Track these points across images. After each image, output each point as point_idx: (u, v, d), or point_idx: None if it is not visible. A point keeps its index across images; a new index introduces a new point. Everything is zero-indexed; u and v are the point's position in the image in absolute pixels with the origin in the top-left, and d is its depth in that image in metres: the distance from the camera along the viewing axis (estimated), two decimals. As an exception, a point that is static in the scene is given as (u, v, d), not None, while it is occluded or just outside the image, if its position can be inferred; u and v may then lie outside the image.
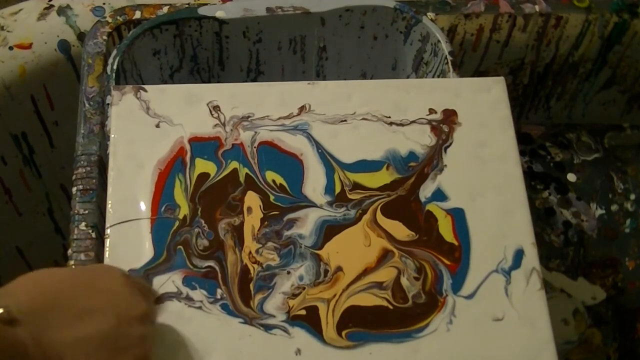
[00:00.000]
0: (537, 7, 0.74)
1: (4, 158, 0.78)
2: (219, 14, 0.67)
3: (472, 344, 0.51)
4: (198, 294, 0.51)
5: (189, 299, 0.51)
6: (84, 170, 0.59)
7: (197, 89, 0.58)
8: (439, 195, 0.55)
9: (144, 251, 0.52)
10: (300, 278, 0.52)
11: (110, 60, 0.64)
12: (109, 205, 0.53)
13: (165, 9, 0.68)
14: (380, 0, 0.68)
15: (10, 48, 0.73)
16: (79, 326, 0.41)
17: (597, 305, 0.77)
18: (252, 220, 0.53)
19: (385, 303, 0.52)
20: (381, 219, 0.54)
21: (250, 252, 0.52)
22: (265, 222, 0.53)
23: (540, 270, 0.53)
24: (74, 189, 0.58)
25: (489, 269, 0.53)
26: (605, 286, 0.78)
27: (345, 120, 0.57)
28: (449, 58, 0.65)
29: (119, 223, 0.53)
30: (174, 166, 0.55)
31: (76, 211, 0.57)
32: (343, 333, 0.51)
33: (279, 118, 0.57)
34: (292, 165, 0.55)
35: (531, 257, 0.53)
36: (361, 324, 0.51)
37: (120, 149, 0.55)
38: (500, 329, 0.51)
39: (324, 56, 0.73)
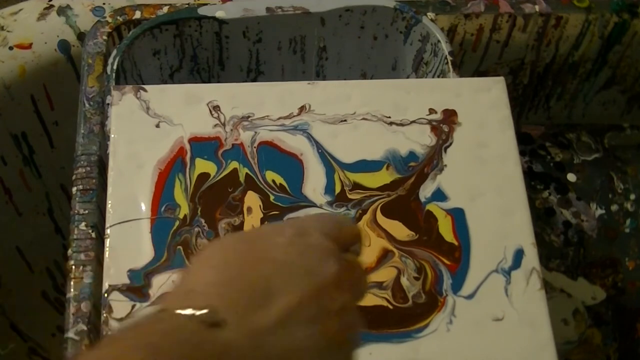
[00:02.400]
0: (537, 7, 0.74)
1: (4, 158, 0.78)
2: (219, 14, 0.67)
3: (472, 344, 0.51)
4: (198, 294, 0.51)
5: (189, 299, 0.51)
6: (84, 170, 0.59)
7: (197, 89, 0.58)
8: (439, 195, 0.55)
9: (144, 251, 0.52)
10: (300, 278, 0.52)
11: (110, 60, 0.64)
12: (109, 205, 0.53)
13: (165, 9, 0.68)
14: (380, 0, 0.68)
15: (10, 48, 0.73)
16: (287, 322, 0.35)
17: (597, 305, 0.77)
18: (252, 220, 0.53)
19: (385, 303, 0.52)
20: (381, 219, 0.54)
21: (250, 252, 0.52)
22: (265, 222, 0.53)
23: (540, 270, 0.53)
24: (74, 189, 0.58)
25: (489, 269, 0.53)
26: (605, 286, 0.78)
27: (345, 120, 0.57)
28: (449, 58, 0.65)
29: (119, 223, 0.53)
30: (174, 166, 0.55)
31: (76, 211, 0.57)
32: (343, 333, 0.50)
33: (279, 118, 0.57)
34: (292, 165, 0.55)
35: (531, 257, 0.53)
36: (361, 324, 0.51)
37: (120, 149, 0.55)
38: (500, 329, 0.51)
39: (324, 56, 0.73)
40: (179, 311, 0.33)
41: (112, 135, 0.56)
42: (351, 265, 0.39)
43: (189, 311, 0.32)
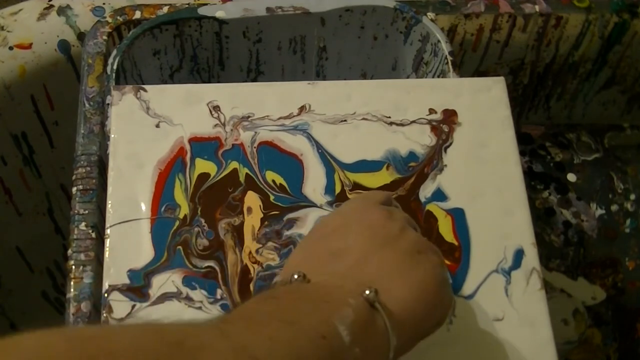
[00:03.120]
0: (537, 7, 0.74)
1: (4, 158, 0.78)
2: (219, 14, 0.67)
3: (472, 343, 0.51)
4: (198, 294, 0.51)
5: (188, 299, 0.51)
6: (84, 170, 0.59)
7: (197, 89, 0.58)
8: (439, 195, 0.55)
9: (144, 251, 0.52)
10: (300, 278, 0.52)
11: (110, 60, 0.64)
12: (109, 205, 0.53)
13: (165, 9, 0.68)
14: (380, 0, 0.68)
15: (10, 48, 0.73)
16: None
17: (597, 305, 0.77)
18: (252, 220, 0.53)
19: (385, 303, 0.51)
20: (381, 219, 0.54)
21: (250, 252, 0.52)
22: (265, 222, 0.53)
23: (540, 270, 0.53)
24: (74, 189, 0.58)
25: (489, 269, 0.53)
26: (605, 286, 0.78)
27: (345, 120, 0.57)
28: (449, 58, 0.65)
29: (119, 223, 0.53)
30: (174, 166, 0.55)
31: (76, 211, 0.57)
32: (343, 333, 0.50)
33: (279, 118, 0.57)
34: (292, 165, 0.55)
35: (531, 257, 0.53)
36: (361, 324, 0.51)
37: (120, 149, 0.55)
38: (500, 329, 0.51)
39: (324, 56, 0.73)
40: (282, 279, 0.44)
41: (112, 135, 0.56)
42: (392, 209, 0.48)
43: (287, 278, 0.43)
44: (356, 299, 0.40)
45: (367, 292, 0.41)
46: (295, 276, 0.42)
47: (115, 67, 0.64)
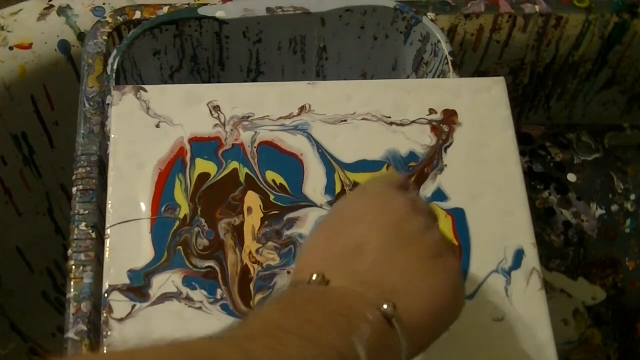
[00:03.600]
0: (537, 7, 0.74)
1: (4, 158, 0.78)
2: (219, 14, 0.67)
3: (472, 344, 0.51)
4: (198, 294, 0.51)
5: (188, 299, 0.51)
6: (84, 170, 0.59)
7: (197, 89, 0.58)
8: (439, 195, 0.55)
9: (144, 251, 0.52)
10: (300, 278, 0.52)
11: (110, 60, 0.64)
12: (109, 205, 0.53)
13: (165, 9, 0.68)
14: (380, 0, 0.69)
15: (10, 48, 0.73)
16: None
17: (597, 305, 0.77)
18: (252, 220, 0.53)
19: (385, 303, 0.51)
20: (381, 219, 0.54)
21: (250, 252, 0.52)
22: (265, 222, 0.54)
23: (540, 270, 0.53)
24: (74, 189, 0.58)
25: (489, 269, 0.53)
26: (605, 286, 0.78)
27: (345, 120, 0.57)
28: (449, 58, 0.65)
29: (119, 223, 0.53)
30: (174, 166, 0.55)
31: (76, 211, 0.57)
32: (343, 333, 0.50)
33: (279, 118, 0.57)
34: (292, 165, 0.55)
35: (531, 257, 0.53)
36: (361, 324, 0.51)
37: (120, 149, 0.55)
38: (500, 329, 0.51)
39: (324, 56, 0.73)
40: (299, 278, 0.43)
41: (112, 135, 0.56)
42: (414, 197, 0.47)
43: (305, 277, 0.41)
44: (374, 314, 0.40)
45: (385, 306, 0.40)
46: (314, 277, 0.41)
47: (115, 67, 0.64)
